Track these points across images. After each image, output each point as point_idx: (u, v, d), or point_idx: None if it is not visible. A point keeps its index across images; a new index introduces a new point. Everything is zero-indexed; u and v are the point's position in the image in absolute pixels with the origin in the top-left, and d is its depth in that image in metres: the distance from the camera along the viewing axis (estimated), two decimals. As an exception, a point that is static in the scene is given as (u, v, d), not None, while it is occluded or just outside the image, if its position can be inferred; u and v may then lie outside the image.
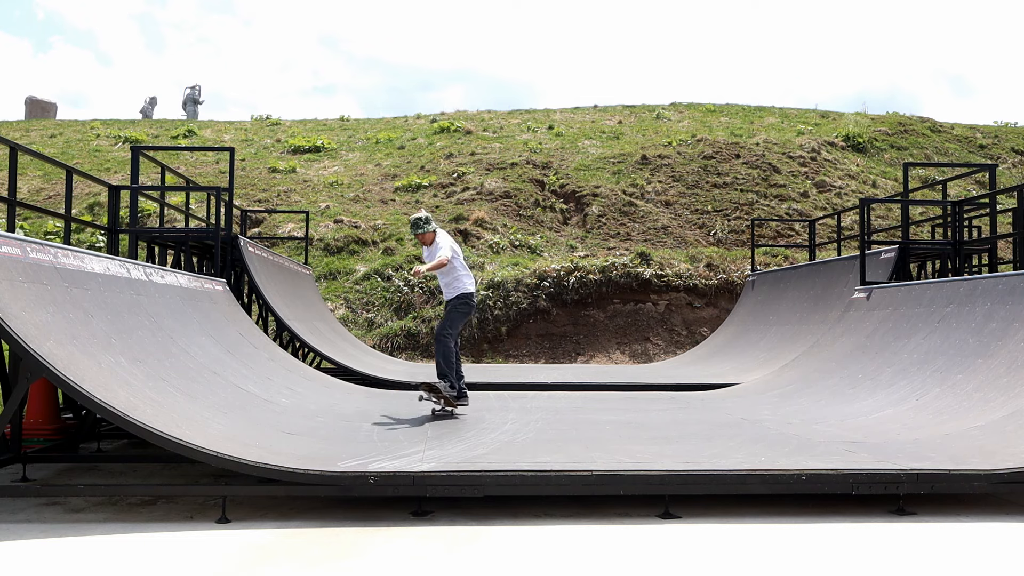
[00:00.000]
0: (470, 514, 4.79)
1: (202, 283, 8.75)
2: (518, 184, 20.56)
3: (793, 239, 18.88)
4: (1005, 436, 5.68)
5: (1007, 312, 7.08)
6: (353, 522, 4.64)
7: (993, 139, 25.17)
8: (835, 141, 23.53)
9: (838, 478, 4.88)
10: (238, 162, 20.95)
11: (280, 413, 6.82)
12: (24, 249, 5.34)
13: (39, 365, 4.58)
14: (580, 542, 4.32)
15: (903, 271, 10.84)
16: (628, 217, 19.63)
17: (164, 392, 5.68)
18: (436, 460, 5.15)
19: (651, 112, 27.07)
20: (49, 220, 17.81)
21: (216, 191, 10.77)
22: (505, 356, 15.85)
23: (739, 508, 4.94)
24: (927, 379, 7.34)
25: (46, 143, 24.19)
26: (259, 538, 4.35)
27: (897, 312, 8.88)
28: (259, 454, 4.94)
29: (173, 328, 7.01)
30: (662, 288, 17.08)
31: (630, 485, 4.84)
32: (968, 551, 4.22)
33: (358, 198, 20.26)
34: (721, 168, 21.45)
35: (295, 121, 27.98)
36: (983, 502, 5.18)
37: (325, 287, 16.63)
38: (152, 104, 33.05)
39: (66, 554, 4.06)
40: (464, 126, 25.09)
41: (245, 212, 15.38)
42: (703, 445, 5.90)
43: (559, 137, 24.10)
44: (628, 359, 15.96)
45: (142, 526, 4.56)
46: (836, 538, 4.41)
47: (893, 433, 6.27)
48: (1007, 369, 6.56)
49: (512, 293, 16.46)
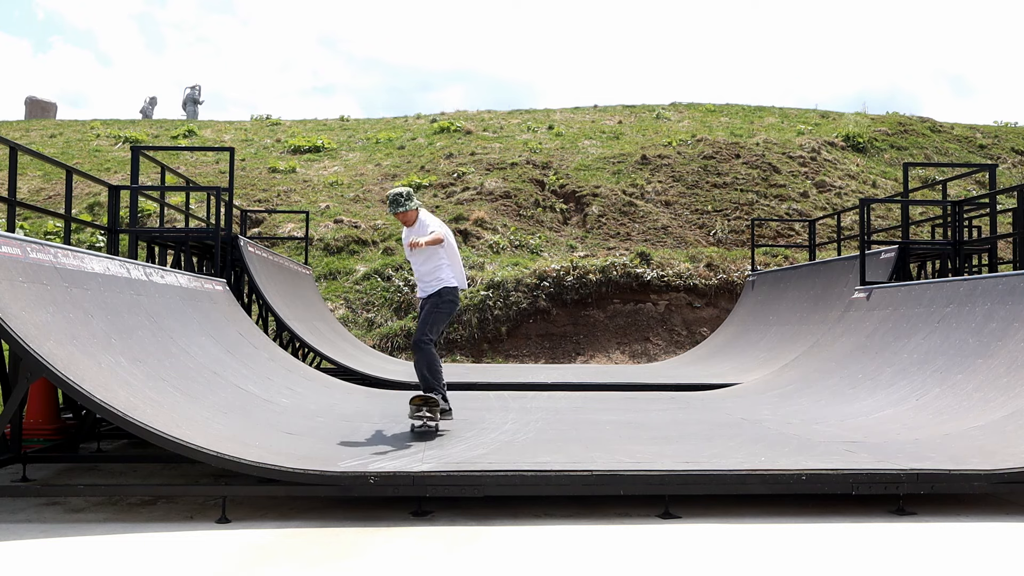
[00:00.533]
0: (470, 514, 4.79)
1: (202, 283, 8.75)
2: (518, 184, 20.55)
3: (793, 239, 18.88)
4: (1005, 436, 5.68)
5: (1007, 312, 7.08)
6: (353, 522, 4.64)
7: (993, 139, 25.16)
8: (835, 141, 23.53)
9: (838, 478, 4.88)
10: (238, 162, 20.95)
11: (280, 413, 6.82)
12: (24, 249, 5.34)
13: (39, 365, 4.58)
14: (580, 542, 4.32)
15: (903, 271, 10.84)
16: (628, 217, 19.62)
17: (164, 392, 5.68)
18: (436, 460, 5.15)
19: (651, 112, 27.07)
20: (49, 220, 17.80)
21: (216, 191, 10.77)
22: (505, 356, 15.85)
23: (739, 508, 4.94)
24: (927, 379, 7.34)
25: (46, 143, 24.18)
26: (259, 538, 4.34)
27: (897, 312, 8.88)
28: (259, 454, 4.94)
29: (173, 328, 7.01)
30: (662, 288, 17.08)
31: (630, 485, 4.84)
32: (968, 551, 4.22)
33: (358, 198, 20.26)
34: (721, 168, 21.45)
35: (295, 121, 27.97)
36: (983, 502, 5.18)
37: (325, 287, 16.63)
38: (152, 104, 33.05)
39: (66, 554, 4.06)
40: (464, 126, 25.09)
41: (245, 212, 15.38)
42: (703, 445, 5.90)
43: (559, 137, 24.10)
44: (628, 359, 15.96)
45: (142, 526, 4.56)
46: (836, 538, 4.40)
47: (893, 433, 6.26)
48: (1007, 369, 6.56)
49: (512, 293, 16.46)
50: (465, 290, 6.95)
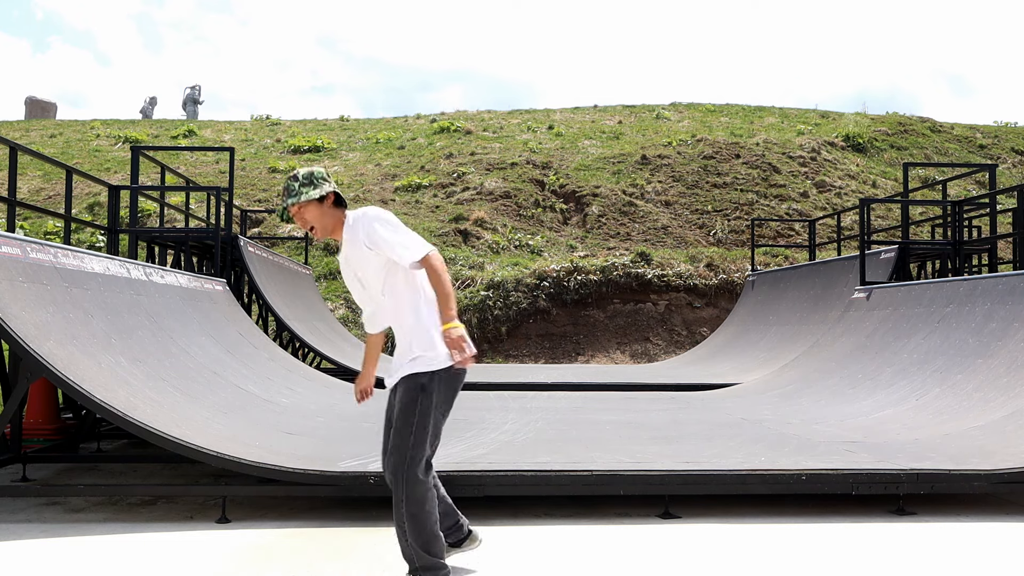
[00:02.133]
0: (470, 514, 4.78)
1: (202, 283, 8.75)
2: (518, 184, 20.55)
3: (793, 239, 18.88)
4: (1005, 436, 5.68)
5: (1007, 312, 7.08)
6: (353, 522, 4.64)
7: (993, 139, 25.16)
8: (835, 141, 23.53)
9: (838, 478, 4.88)
10: (238, 162, 20.95)
11: (280, 413, 6.82)
12: (24, 249, 5.34)
13: (39, 365, 4.58)
14: (580, 542, 4.32)
15: (903, 271, 10.84)
16: (628, 217, 19.62)
17: (164, 392, 5.68)
18: (436, 460, 5.14)
19: (651, 112, 27.07)
20: (49, 220, 17.80)
21: (216, 191, 10.77)
22: (505, 356, 15.85)
23: (739, 508, 4.94)
24: (927, 379, 7.34)
25: (46, 143, 24.18)
26: (259, 538, 4.34)
27: (897, 312, 8.88)
28: (259, 454, 4.94)
29: (173, 328, 7.01)
30: (662, 288, 17.07)
31: (630, 485, 4.84)
32: (968, 551, 4.22)
33: (358, 198, 20.25)
34: (721, 168, 21.45)
35: (295, 121, 27.97)
36: (983, 502, 5.17)
37: (325, 287, 16.62)
38: (152, 104, 33.05)
39: (66, 554, 4.06)
40: (464, 126, 25.09)
41: (245, 212, 15.37)
42: (703, 445, 5.90)
43: (559, 137, 24.09)
44: (628, 359, 15.95)
45: (142, 526, 4.56)
46: (836, 538, 4.40)
47: (893, 433, 6.26)
48: (1007, 369, 6.56)
49: (512, 293, 16.45)
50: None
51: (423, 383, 3.36)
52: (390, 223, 3.38)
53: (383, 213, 3.41)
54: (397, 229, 3.37)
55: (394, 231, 3.36)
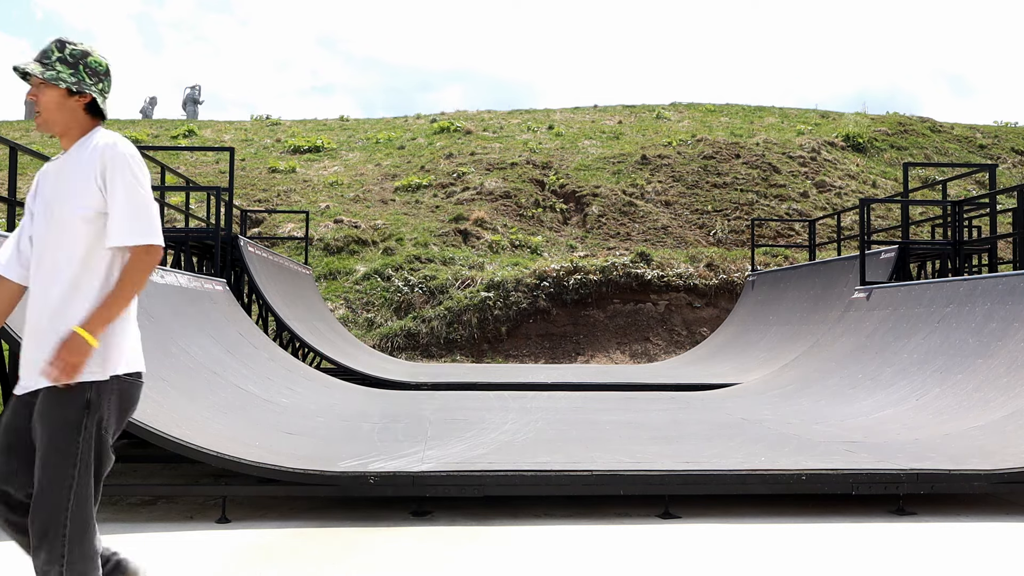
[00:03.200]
0: (470, 514, 4.79)
1: (202, 283, 8.75)
2: (518, 184, 20.56)
3: (793, 239, 18.88)
4: (1005, 436, 5.69)
5: (1007, 312, 7.08)
6: (353, 522, 4.64)
7: (993, 139, 25.17)
8: (835, 141, 23.53)
9: (838, 478, 4.88)
10: (238, 162, 20.95)
11: (280, 413, 6.82)
12: (24, 249, 5.33)
13: (39, 365, 4.57)
14: (580, 542, 4.32)
15: (903, 271, 10.84)
16: (628, 217, 19.63)
17: (164, 392, 5.67)
18: (436, 460, 5.15)
19: (651, 112, 27.07)
20: (49, 220, 17.78)
21: (216, 191, 10.77)
22: (505, 356, 15.85)
23: (739, 508, 4.94)
24: (927, 379, 7.34)
25: (46, 143, 24.18)
26: (259, 538, 4.34)
27: (897, 312, 8.88)
28: (259, 454, 4.94)
29: (173, 328, 7.01)
30: (662, 288, 17.08)
31: (630, 485, 4.84)
32: (968, 551, 4.22)
33: (358, 198, 20.26)
34: (721, 168, 21.45)
35: (295, 121, 27.98)
36: (983, 502, 5.18)
37: (325, 287, 16.63)
38: (152, 104, 33.05)
39: (66, 554, 4.06)
40: (464, 126, 25.10)
41: (245, 212, 15.38)
42: (703, 445, 5.90)
43: (559, 137, 24.10)
44: (628, 359, 15.95)
45: (142, 526, 4.56)
46: (836, 538, 4.40)
47: (893, 433, 6.26)
48: (1007, 369, 6.56)
49: (512, 293, 16.45)
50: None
51: (104, 385, 2.55)
52: (143, 184, 2.59)
53: (143, 164, 2.63)
54: (147, 195, 2.59)
55: (144, 193, 2.58)
